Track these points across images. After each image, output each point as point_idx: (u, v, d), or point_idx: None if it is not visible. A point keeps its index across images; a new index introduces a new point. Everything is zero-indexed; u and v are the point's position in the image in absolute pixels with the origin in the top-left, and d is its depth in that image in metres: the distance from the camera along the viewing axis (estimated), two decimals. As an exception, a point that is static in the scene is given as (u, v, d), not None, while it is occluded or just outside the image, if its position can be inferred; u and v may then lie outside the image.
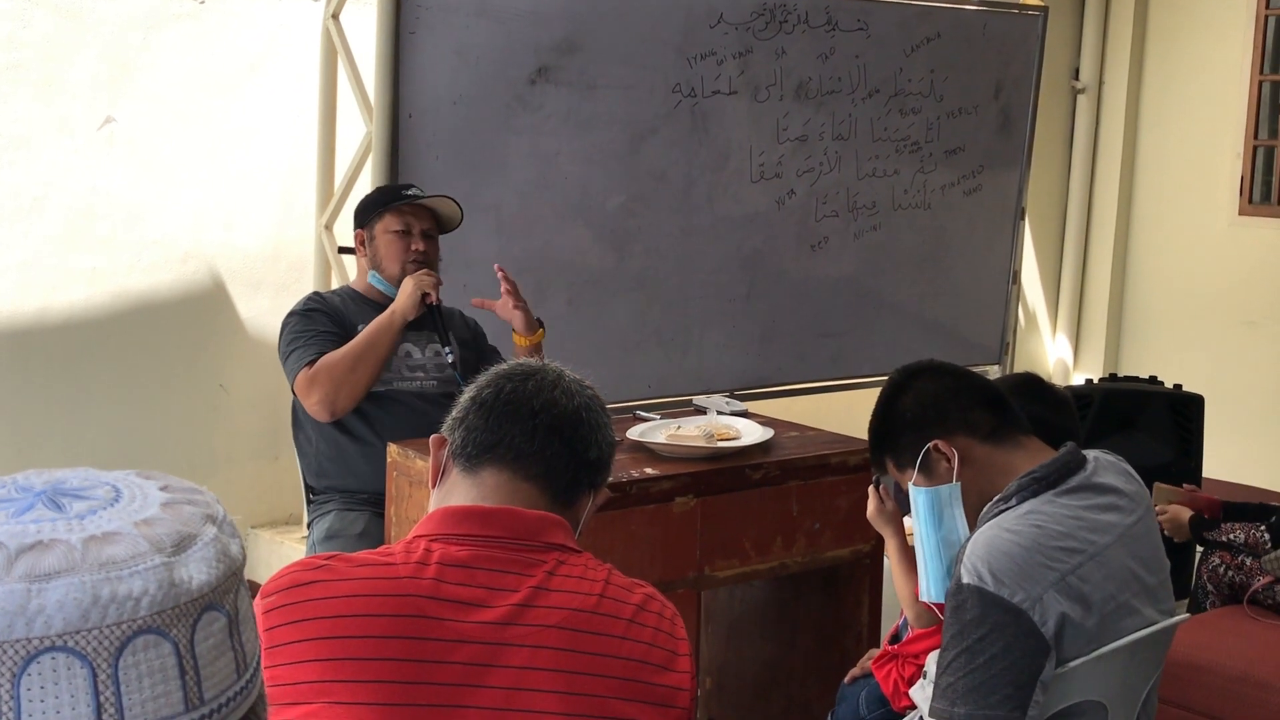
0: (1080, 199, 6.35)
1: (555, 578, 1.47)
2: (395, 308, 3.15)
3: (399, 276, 3.22)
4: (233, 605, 0.78)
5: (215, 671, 0.76)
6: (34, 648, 0.69)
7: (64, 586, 0.70)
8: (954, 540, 2.04)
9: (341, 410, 3.12)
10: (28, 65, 3.83)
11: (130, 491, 0.79)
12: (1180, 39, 6.08)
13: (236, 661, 0.78)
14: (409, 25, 3.88)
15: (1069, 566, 1.85)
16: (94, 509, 0.76)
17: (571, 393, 1.61)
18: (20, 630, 0.69)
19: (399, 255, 3.24)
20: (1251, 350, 5.82)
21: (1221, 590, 3.46)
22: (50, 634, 0.70)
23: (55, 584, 0.70)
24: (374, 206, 3.32)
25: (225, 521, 0.81)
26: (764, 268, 4.79)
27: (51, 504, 0.76)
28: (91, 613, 0.71)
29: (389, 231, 3.26)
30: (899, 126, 5.03)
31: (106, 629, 0.71)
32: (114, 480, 0.80)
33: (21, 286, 3.89)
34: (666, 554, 2.79)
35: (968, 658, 1.81)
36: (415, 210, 3.29)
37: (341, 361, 3.08)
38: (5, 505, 0.76)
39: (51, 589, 0.70)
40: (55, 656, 0.70)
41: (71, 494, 0.77)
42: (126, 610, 0.71)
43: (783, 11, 4.63)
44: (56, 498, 0.76)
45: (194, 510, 0.79)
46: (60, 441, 3.99)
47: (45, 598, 0.70)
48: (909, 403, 2.10)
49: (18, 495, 0.77)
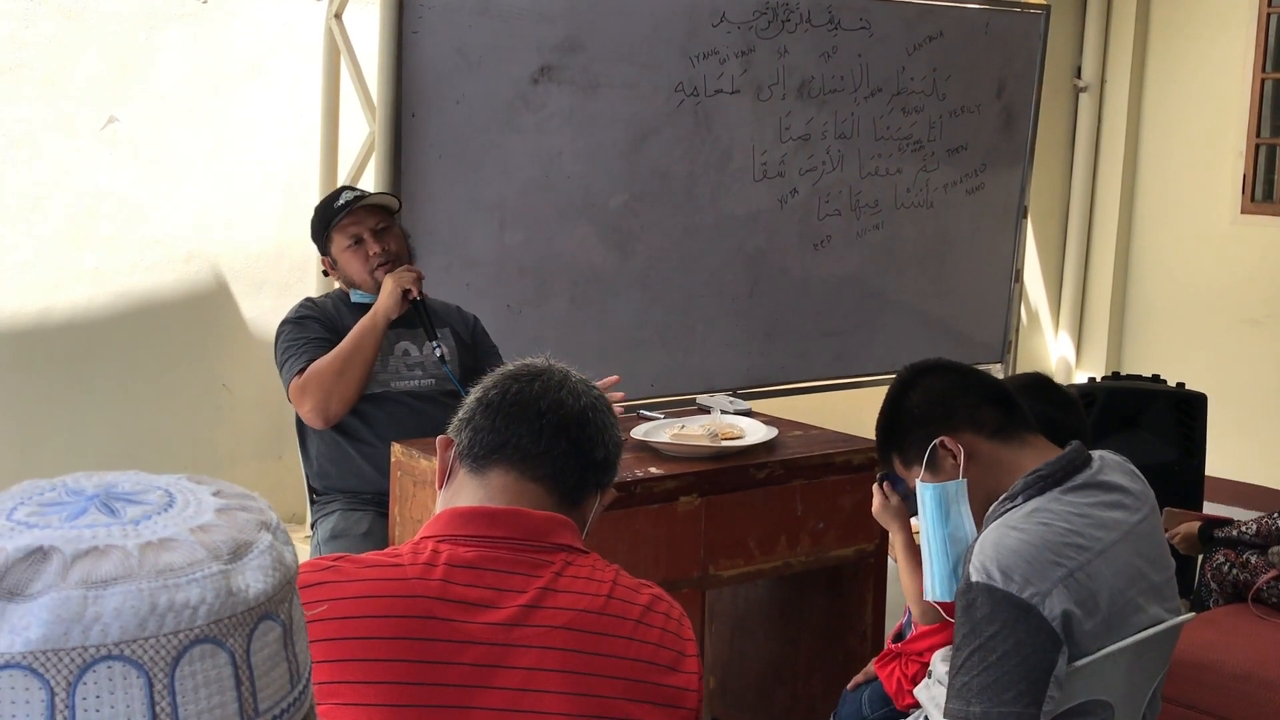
0: (1082, 197, 6.35)
1: (562, 579, 1.47)
2: (377, 308, 3.16)
3: (373, 283, 3.23)
4: (287, 614, 0.77)
5: (270, 682, 0.74)
6: (90, 656, 0.67)
7: (121, 594, 0.69)
8: (960, 537, 2.05)
9: (335, 415, 3.12)
10: (31, 65, 3.83)
11: (184, 497, 0.77)
12: (1182, 37, 6.08)
13: (290, 671, 0.77)
14: (411, 24, 3.88)
15: (1076, 563, 1.85)
16: (148, 514, 0.74)
17: (578, 393, 1.61)
18: (77, 638, 0.67)
19: (362, 264, 3.26)
20: (1254, 348, 5.82)
21: (1225, 588, 3.47)
22: (107, 642, 0.68)
23: (112, 591, 0.68)
24: (321, 232, 3.33)
25: (279, 529, 0.79)
26: (767, 266, 4.79)
27: (105, 508, 0.74)
28: (149, 621, 0.69)
29: (343, 249, 3.28)
30: (901, 125, 5.03)
31: (164, 638, 0.69)
32: (166, 485, 0.78)
33: (24, 286, 3.89)
34: (671, 553, 2.79)
35: (980, 655, 1.81)
36: (356, 215, 3.28)
37: (330, 367, 3.09)
38: (57, 509, 0.74)
39: (109, 596, 0.68)
40: (112, 665, 0.68)
41: (124, 498, 0.75)
42: (184, 619, 0.70)
43: (785, 10, 4.63)
44: (109, 502, 0.74)
45: (248, 517, 0.77)
46: (63, 440, 4.00)
47: (102, 605, 0.68)
48: (916, 399, 2.11)
49: (69, 499, 0.74)
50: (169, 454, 4.18)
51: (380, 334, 3.14)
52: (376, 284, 3.22)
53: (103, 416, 4.07)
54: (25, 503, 0.74)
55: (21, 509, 0.73)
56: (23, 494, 0.75)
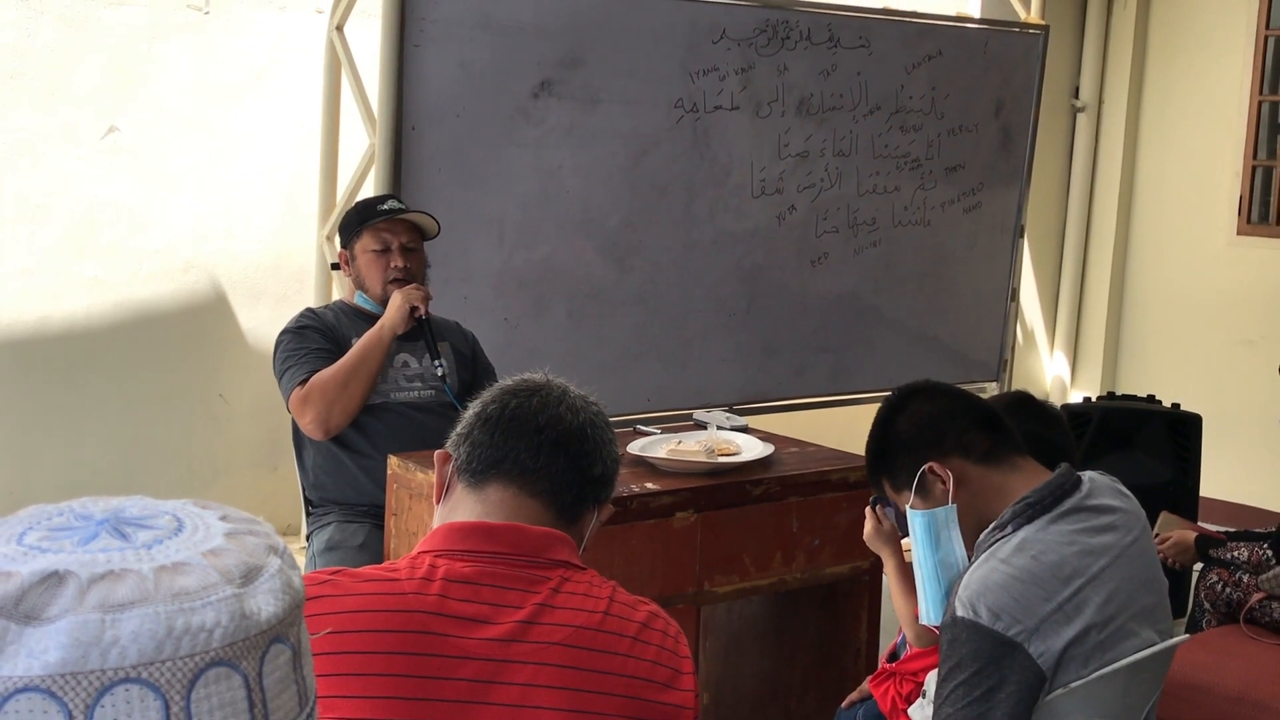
0: (1079, 217, 6.37)
1: (560, 595, 1.47)
2: (384, 322, 3.16)
3: (382, 295, 3.23)
4: (296, 637, 0.78)
5: (281, 705, 0.75)
6: (109, 679, 0.68)
7: (138, 617, 0.69)
8: (951, 562, 2.05)
9: (336, 428, 3.13)
10: (32, 74, 3.84)
11: (192, 521, 0.78)
12: (1180, 58, 6.11)
13: (299, 694, 0.78)
14: (413, 38, 3.89)
15: (1065, 595, 1.86)
16: (159, 538, 0.75)
17: (576, 408, 1.61)
18: (95, 662, 0.68)
19: (380, 274, 3.25)
20: (1249, 369, 5.83)
21: (1219, 608, 3.47)
22: (125, 665, 0.68)
23: (129, 615, 0.69)
24: (352, 226, 3.31)
25: (285, 553, 0.80)
26: (764, 282, 4.80)
27: (116, 533, 0.74)
28: (165, 644, 0.70)
29: (368, 251, 3.26)
30: (900, 143, 5.05)
31: (180, 661, 0.70)
32: (172, 509, 0.79)
33: (23, 294, 3.89)
34: (666, 569, 2.79)
35: (965, 690, 1.82)
36: (393, 225, 3.27)
37: (333, 379, 3.09)
38: (68, 533, 0.74)
39: (125, 620, 0.69)
40: (129, 688, 0.69)
41: (134, 523, 0.76)
42: (199, 642, 0.70)
43: (785, 28, 4.64)
44: (120, 526, 0.75)
45: (257, 541, 0.78)
46: (60, 449, 3.99)
47: (120, 629, 0.69)
48: (904, 424, 2.11)
49: (78, 524, 0.75)
50: (164, 463, 4.18)
51: (385, 348, 3.15)
52: (385, 297, 3.22)
53: (99, 424, 4.06)
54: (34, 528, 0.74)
55: (31, 534, 0.74)
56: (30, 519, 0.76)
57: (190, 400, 4.22)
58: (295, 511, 3.55)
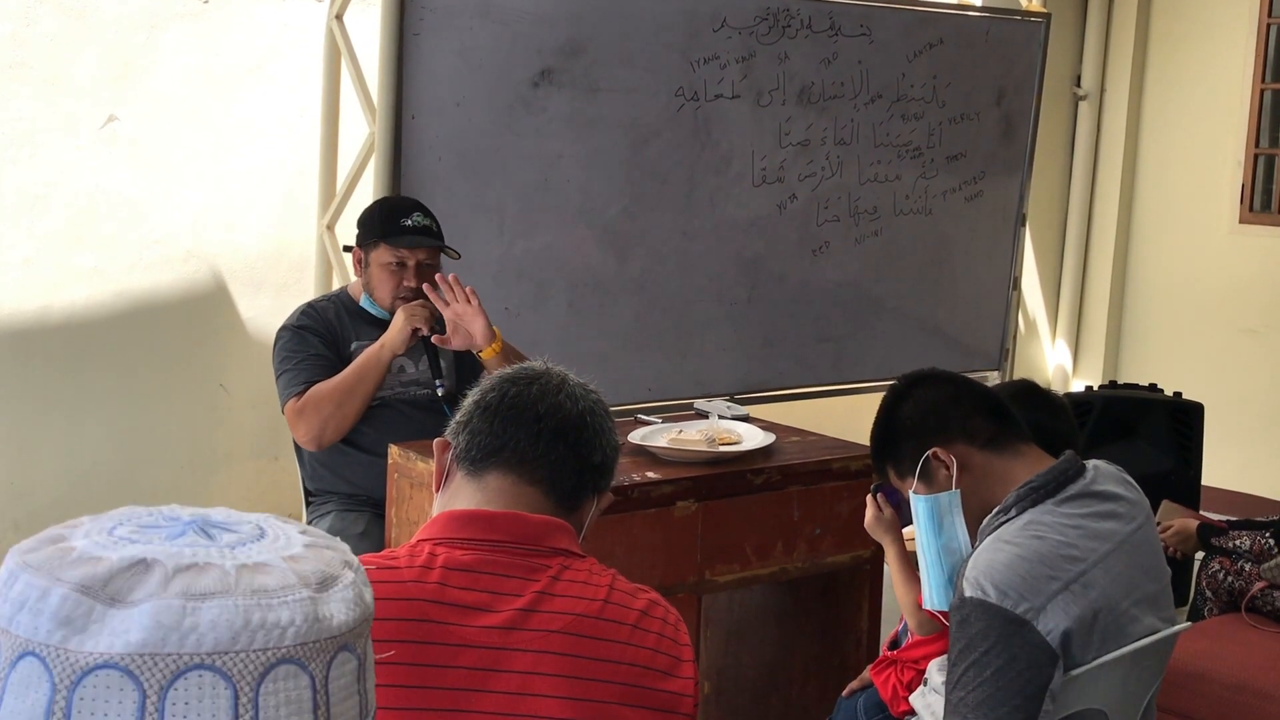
0: (1081, 206, 6.35)
1: (559, 583, 1.47)
2: (385, 341, 3.13)
3: (391, 307, 3.21)
4: (363, 650, 0.81)
5: (343, 712, 0.78)
6: (184, 663, 0.72)
7: (217, 607, 0.73)
8: (954, 548, 2.05)
9: (328, 441, 3.14)
10: (31, 64, 3.83)
11: (273, 531, 0.82)
12: (1182, 47, 6.09)
13: (361, 706, 0.81)
14: (412, 26, 3.88)
15: (1071, 575, 1.86)
16: (242, 541, 0.79)
17: (576, 397, 1.61)
18: (173, 645, 0.71)
19: (392, 289, 3.22)
20: (1251, 358, 5.83)
21: (1221, 597, 3.47)
22: (200, 652, 0.72)
23: (209, 604, 0.73)
24: (373, 233, 3.25)
25: (359, 569, 0.84)
26: (765, 272, 4.79)
27: (202, 533, 0.79)
28: (241, 636, 0.73)
29: (383, 263, 3.22)
30: (901, 132, 5.03)
31: (253, 653, 0.73)
32: (256, 520, 0.83)
33: (23, 285, 3.89)
34: (667, 558, 2.79)
35: (975, 671, 1.81)
36: (414, 240, 3.23)
37: (329, 397, 3.09)
38: (158, 530, 0.78)
39: (205, 608, 0.73)
40: (202, 674, 0.72)
41: (219, 526, 0.80)
42: (273, 638, 0.74)
43: (786, 16, 4.63)
44: (206, 528, 0.79)
45: (334, 554, 0.82)
46: (60, 439, 3.99)
47: (199, 616, 0.72)
48: (909, 410, 2.12)
49: (166, 523, 0.79)
50: (165, 452, 4.18)
51: (384, 368, 3.14)
52: (394, 309, 3.19)
53: (100, 415, 4.06)
54: (125, 523, 0.79)
55: (122, 528, 0.78)
56: (122, 516, 0.81)
57: (191, 390, 4.22)
58: (296, 501, 3.55)
